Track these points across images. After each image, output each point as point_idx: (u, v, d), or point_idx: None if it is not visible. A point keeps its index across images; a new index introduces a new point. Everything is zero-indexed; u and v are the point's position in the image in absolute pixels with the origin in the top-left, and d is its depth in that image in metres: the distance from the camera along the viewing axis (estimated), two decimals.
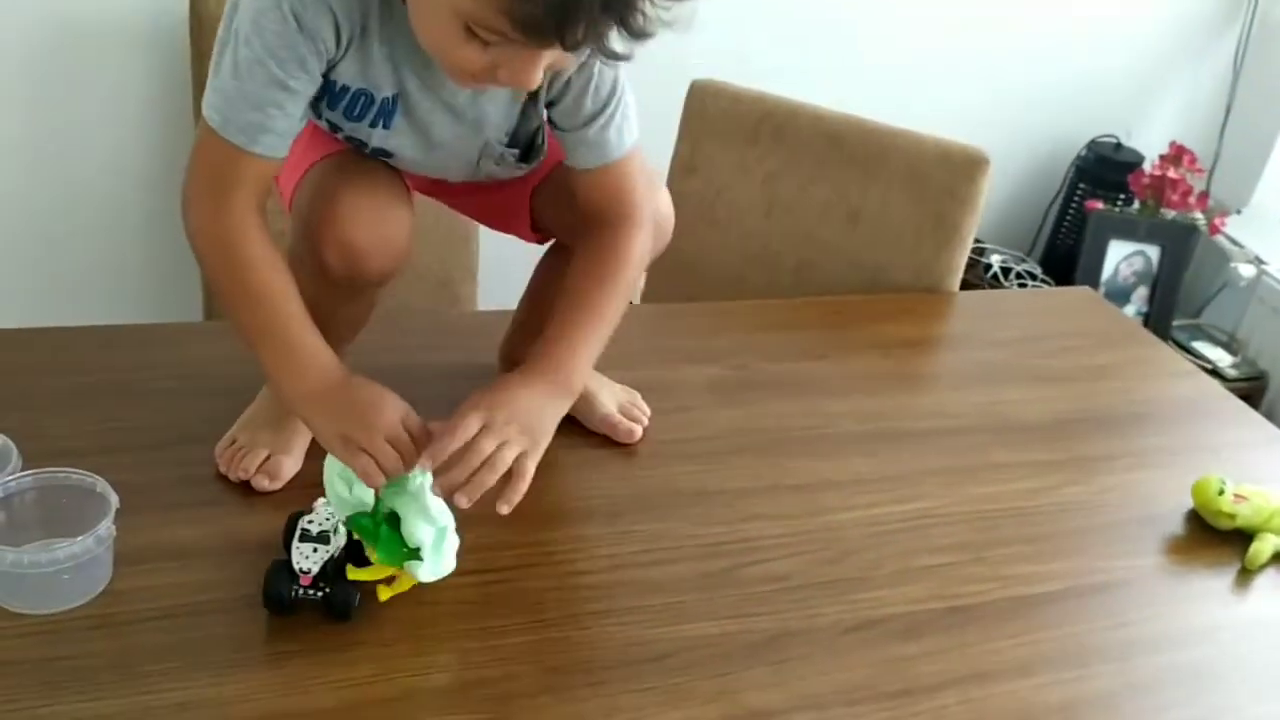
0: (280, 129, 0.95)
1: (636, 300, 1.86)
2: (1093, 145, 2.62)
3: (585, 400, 1.22)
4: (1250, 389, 2.44)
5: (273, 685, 0.88)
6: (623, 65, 0.97)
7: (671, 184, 1.80)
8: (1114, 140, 2.62)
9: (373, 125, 1.02)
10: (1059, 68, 2.57)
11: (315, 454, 1.11)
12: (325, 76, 0.96)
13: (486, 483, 0.93)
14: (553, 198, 1.16)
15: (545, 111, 1.06)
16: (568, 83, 1.01)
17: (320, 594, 0.93)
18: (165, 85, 1.95)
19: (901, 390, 1.44)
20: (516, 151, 1.09)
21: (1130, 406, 1.45)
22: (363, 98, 0.99)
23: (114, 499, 0.95)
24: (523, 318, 1.27)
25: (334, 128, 1.04)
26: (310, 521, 0.95)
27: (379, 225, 1.03)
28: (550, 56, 0.86)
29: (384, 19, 0.94)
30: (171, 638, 0.91)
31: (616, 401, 1.24)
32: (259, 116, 0.93)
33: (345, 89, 0.99)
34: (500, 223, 1.25)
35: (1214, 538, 1.20)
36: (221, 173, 0.96)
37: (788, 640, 0.99)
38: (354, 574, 0.95)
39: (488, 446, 0.93)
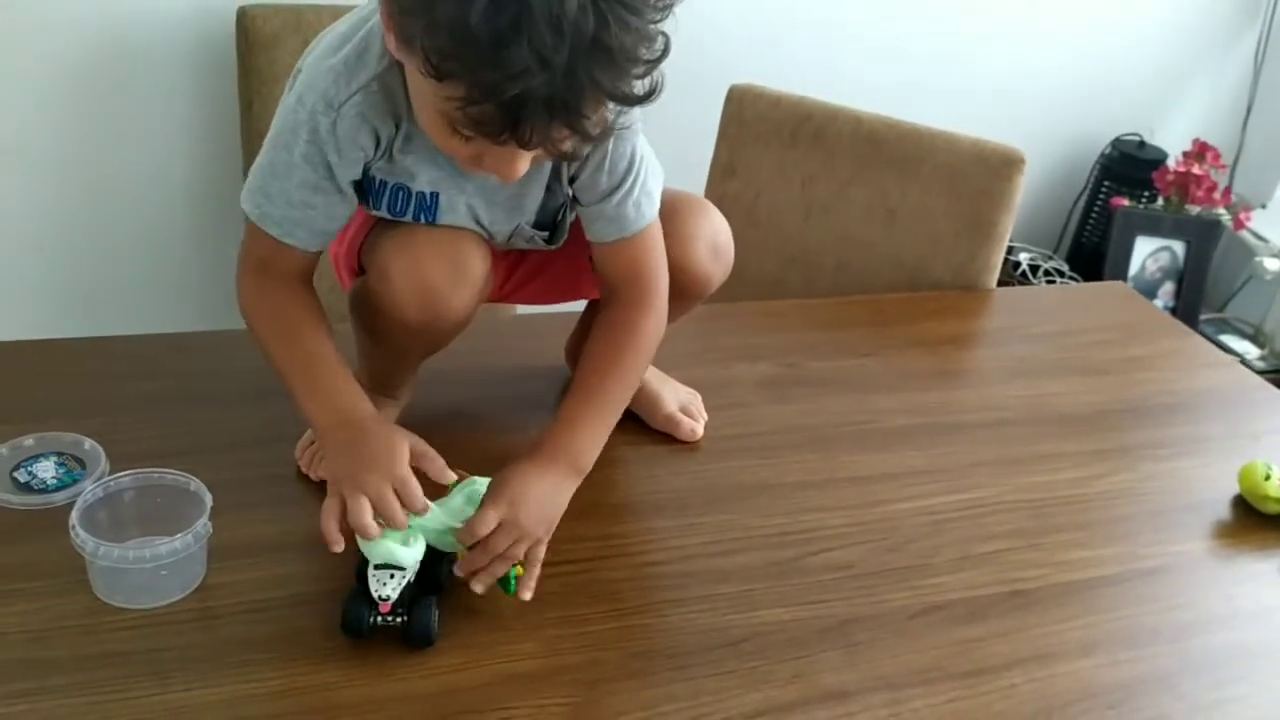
0: (315, 226, 1.01)
1: None
2: (1117, 143, 2.65)
3: (649, 400, 1.26)
4: (1278, 380, 2.46)
5: (368, 673, 0.92)
6: (642, 138, 1.03)
7: (711, 187, 1.84)
8: (1137, 138, 2.66)
9: (416, 219, 1.05)
10: (1082, 68, 2.61)
11: None
12: (365, 174, 1.02)
13: (497, 573, 0.97)
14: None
15: (568, 189, 1.07)
16: (586, 158, 1.03)
17: (399, 619, 0.94)
18: (213, 99, 1.99)
19: (947, 385, 1.48)
20: (545, 234, 1.11)
21: (1169, 396, 1.48)
22: (401, 193, 1.04)
23: (208, 498, 0.98)
24: (588, 323, 1.30)
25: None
26: None
27: (455, 263, 1.05)
28: (529, 155, 0.88)
29: (415, 119, 0.96)
30: (267, 629, 0.95)
31: (678, 401, 1.28)
32: (294, 213, 1.00)
33: (384, 184, 1.03)
34: (571, 293, 1.26)
35: (1260, 521, 1.23)
36: (263, 258, 1.03)
37: (857, 625, 1.02)
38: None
39: (501, 545, 0.96)
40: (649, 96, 0.85)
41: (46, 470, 1.08)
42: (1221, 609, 1.11)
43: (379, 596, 0.94)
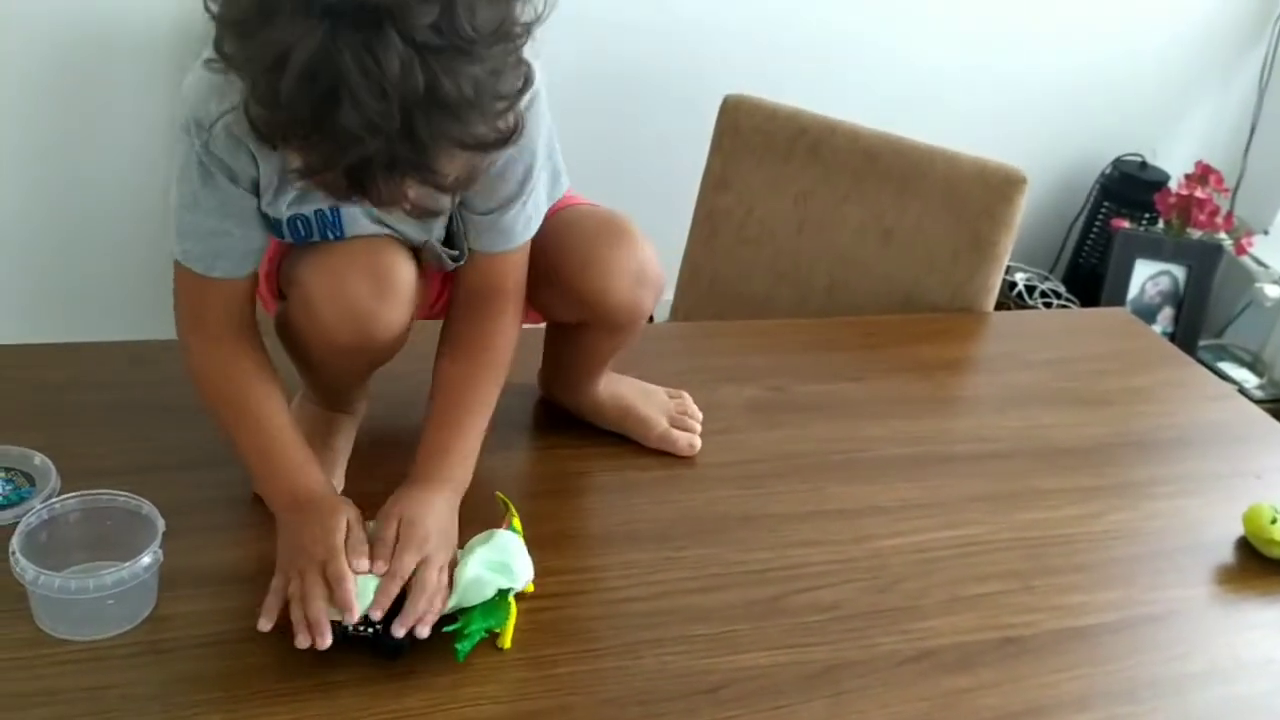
0: (235, 252, 0.97)
1: (665, 317, 1.85)
2: (1118, 164, 2.61)
3: (639, 424, 1.22)
4: (1276, 410, 2.42)
5: (327, 713, 0.87)
6: (540, 150, 1.00)
7: (702, 200, 1.79)
8: (1139, 159, 2.61)
9: (323, 238, 1.00)
10: (1084, 85, 2.57)
11: (353, 475, 1.10)
12: (261, 212, 0.97)
13: (419, 609, 0.91)
14: (546, 290, 1.12)
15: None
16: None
17: (370, 632, 0.91)
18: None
19: (940, 413, 1.43)
20: (455, 253, 1.06)
21: (1170, 430, 1.44)
22: (299, 221, 0.99)
23: (160, 523, 0.93)
24: (548, 359, 1.26)
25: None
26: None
27: (379, 276, 0.99)
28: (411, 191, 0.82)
29: None
30: (218, 665, 0.90)
31: (667, 415, 1.24)
32: (214, 243, 0.96)
33: (278, 221, 0.99)
34: None
35: (1266, 566, 1.19)
36: (194, 301, 1.00)
37: (842, 671, 0.97)
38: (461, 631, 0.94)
39: (408, 564, 0.93)
40: (510, 137, 0.81)
41: None
42: (1224, 660, 1.06)
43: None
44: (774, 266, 1.78)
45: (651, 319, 1.53)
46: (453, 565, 0.96)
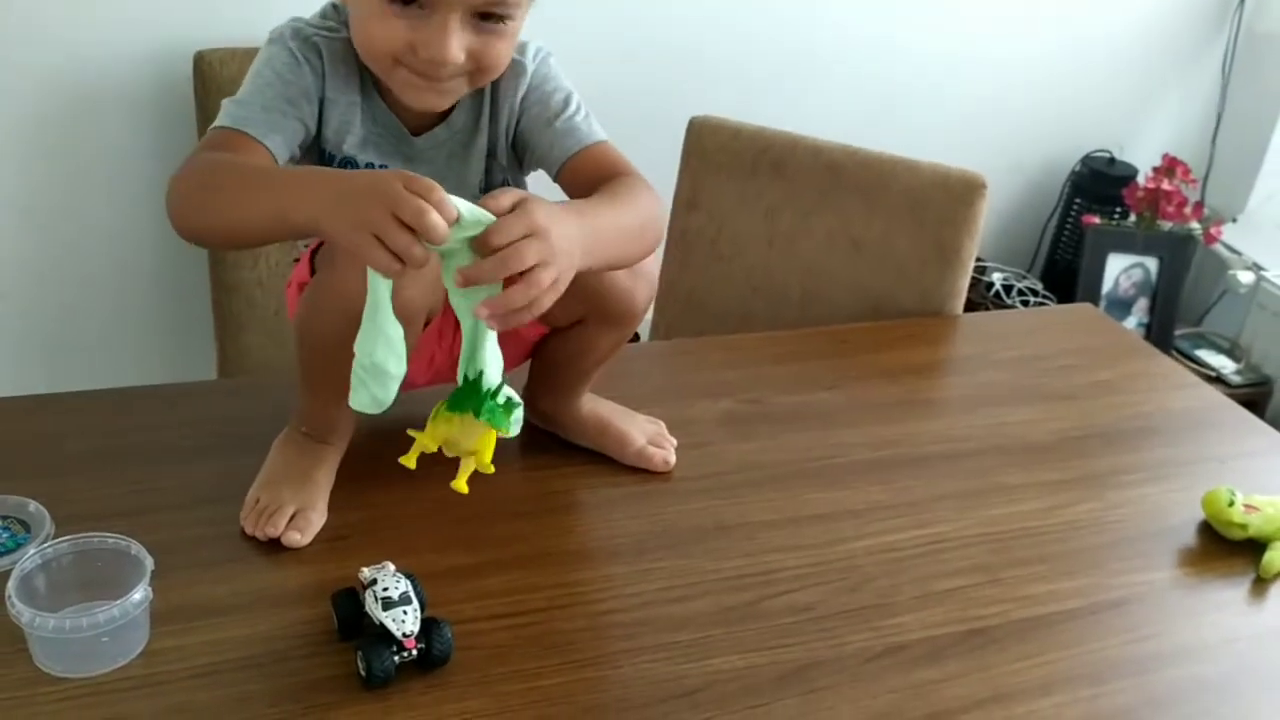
0: (289, 133, 1.04)
1: (646, 336, 1.89)
2: (1086, 160, 2.65)
3: (617, 439, 1.26)
4: (1255, 394, 2.46)
5: None
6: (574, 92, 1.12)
7: (674, 220, 1.83)
8: (1107, 155, 2.66)
9: None
10: (1049, 86, 2.61)
11: (336, 505, 1.14)
12: (319, 144, 1.07)
13: (515, 301, 0.86)
14: None
15: (512, 154, 1.14)
16: (521, 111, 1.12)
17: (420, 651, 0.94)
18: (171, 148, 1.98)
19: (911, 416, 1.46)
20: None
21: (1136, 421, 1.47)
22: (348, 166, 1.08)
23: (149, 561, 0.97)
24: (536, 371, 1.29)
25: None
26: (385, 589, 0.96)
27: None
28: (457, 21, 0.97)
29: (366, 93, 1.07)
30: (212, 695, 0.93)
31: (646, 435, 1.28)
32: (273, 118, 1.03)
33: (333, 158, 1.08)
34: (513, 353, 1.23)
35: (1227, 548, 1.22)
36: (219, 145, 1.02)
37: (814, 670, 1.01)
38: (421, 437, 0.93)
39: (530, 254, 0.85)
40: None
41: None
42: (1187, 640, 1.10)
43: (403, 634, 0.93)
44: (748, 281, 1.82)
45: (636, 337, 1.57)
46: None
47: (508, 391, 0.94)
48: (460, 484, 0.93)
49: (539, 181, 1.18)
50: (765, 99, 2.05)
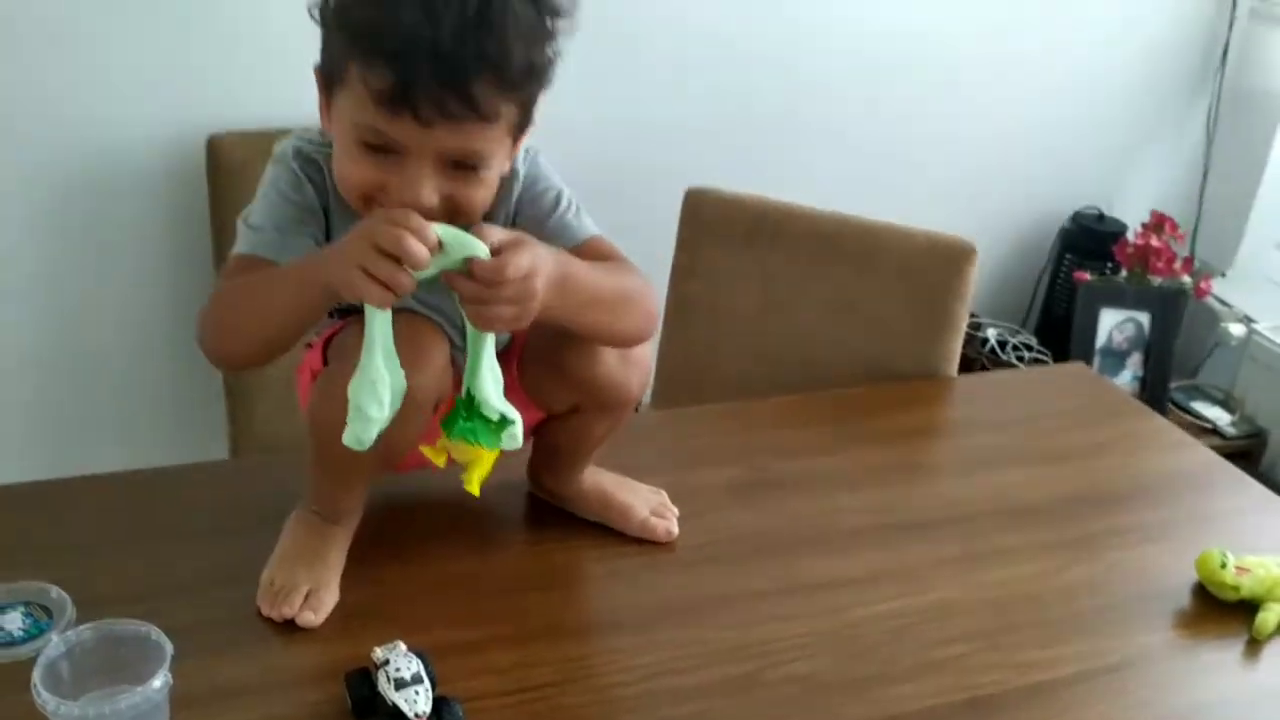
0: (301, 248, 1.07)
1: (647, 401, 1.93)
2: (1076, 217, 2.70)
3: (620, 512, 1.29)
4: (1250, 445, 2.49)
5: None
6: (565, 189, 1.15)
7: (672, 288, 1.88)
8: (1096, 211, 2.71)
9: None
10: (1037, 145, 2.67)
11: (348, 583, 1.16)
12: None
13: (504, 314, 0.95)
14: (536, 367, 1.19)
15: None
16: (516, 213, 1.14)
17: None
18: (185, 229, 2.03)
19: (909, 480, 1.49)
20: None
21: (1130, 481, 1.50)
22: None
23: (169, 647, 0.99)
24: (537, 451, 1.32)
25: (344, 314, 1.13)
26: (397, 669, 0.98)
27: (414, 344, 1.04)
28: (428, 168, 0.98)
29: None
30: None
31: (648, 506, 1.31)
32: (285, 239, 1.07)
33: None
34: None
35: (1220, 609, 1.24)
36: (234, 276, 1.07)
37: None
38: (427, 452, 1.01)
39: (522, 263, 0.94)
40: (532, 79, 0.99)
41: (13, 621, 1.09)
42: (1182, 704, 1.12)
43: (415, 714, 0.96)
44: (746, 347, 1.86)
45: (637, 406, 1.60)
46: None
47: (501, 407, 1.00)
48: (472, 486, 1.01)
49: None
50: (758, 169, 2.09)
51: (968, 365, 2.04)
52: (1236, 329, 2.55)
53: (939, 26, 2.47)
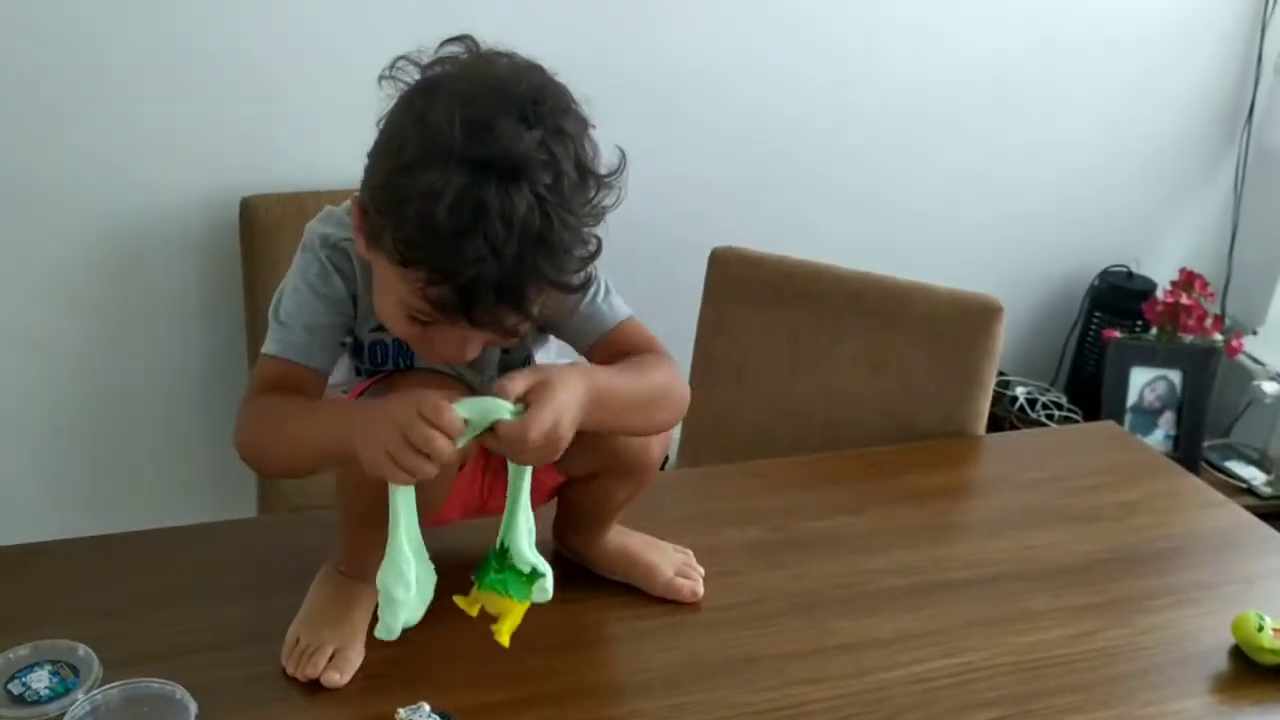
0: (331, 343, 1.10)
1: (673, 459, 1.92)
2: (1105, 275, 2.70)
3: (645, 572, 1.29)
4: None
5: None
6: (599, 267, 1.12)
7: (699, 347, 1.88)
8: (1125, 269, 2.70)
9: (395, 365, 1.14)
10: (1065, 203, 2.67)
11: (372, 642, 1.16)
12: (353, 335, 1.13)
13: (544, 457, 0.99)
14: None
15: (536, 331, 1.16)
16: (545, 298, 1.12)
17: None
18: (218, 290, 2.06)
19: (938, 540, 1.48)
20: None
21: (1162, 542, 1.48)
22: (379, 346, 1.14)
23: (193, 707, 0.99)
24: (561, 512, 1.32)
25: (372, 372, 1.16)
26: None
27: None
28: (478, 338, 1.00)
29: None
30: None
31: (673, 566, 1.30)
32: (312, 338, 1.09)
33: (361, 346, 1.14)
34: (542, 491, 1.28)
35: (1258, 673, 1.22)
36: (273, 380, 1.09)
37: None
38: (460, 602, 1.01)
39: (546, 424, 0.96)
40: (584, 286, 1.06)
41: (40, 680, 1.09)
42: None
43: None
44: (773, 405, 1.86)
45: (664, 464, 1.60)
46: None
47: (533, 559, 1.02)
48: (502, 637, 1.03)
49: None
50: (784, 228, 2.11)
51: (997, 424, 2.03)
52: (1270, 387, 2.53)
53: (965, 89, 2.49)
